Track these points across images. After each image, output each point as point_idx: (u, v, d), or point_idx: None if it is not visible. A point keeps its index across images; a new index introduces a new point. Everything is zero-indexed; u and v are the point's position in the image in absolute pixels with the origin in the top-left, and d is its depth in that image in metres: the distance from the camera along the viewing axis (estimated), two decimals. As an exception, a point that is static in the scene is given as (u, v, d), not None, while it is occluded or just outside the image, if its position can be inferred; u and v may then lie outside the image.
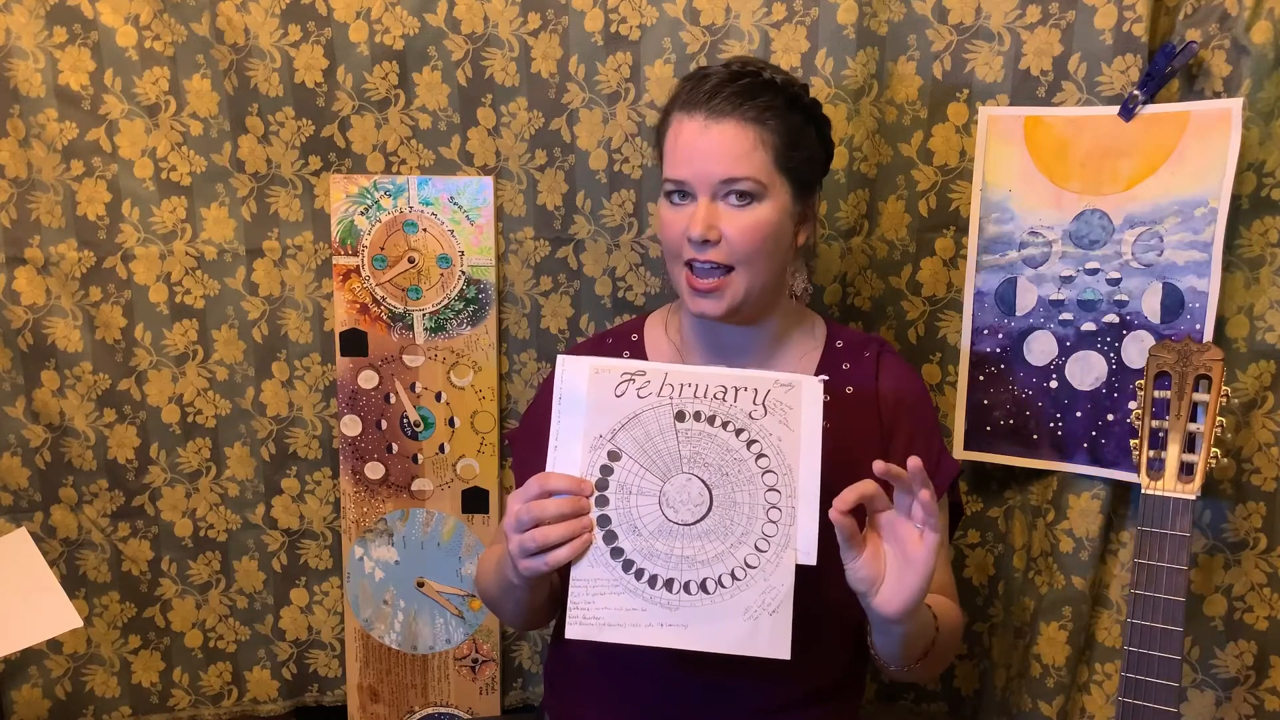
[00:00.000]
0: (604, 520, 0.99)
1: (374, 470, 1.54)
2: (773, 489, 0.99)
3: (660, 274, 1.45)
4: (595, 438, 1.01)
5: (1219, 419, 1.15)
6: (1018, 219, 1.33)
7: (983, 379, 1.38)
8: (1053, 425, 1.35)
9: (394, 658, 1.60)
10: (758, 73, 1.09)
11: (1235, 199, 1.22)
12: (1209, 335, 1.23)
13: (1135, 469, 1.19)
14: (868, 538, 0.97)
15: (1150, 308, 1.27)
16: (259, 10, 1.40)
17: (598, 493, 1.00)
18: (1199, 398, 1.16)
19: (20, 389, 1.48)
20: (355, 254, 1.49)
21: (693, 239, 1.06)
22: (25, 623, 1.19)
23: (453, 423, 1.53)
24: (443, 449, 1.53)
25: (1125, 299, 1.29)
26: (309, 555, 1.58)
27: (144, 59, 1.42)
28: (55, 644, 1.54)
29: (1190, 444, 1.16)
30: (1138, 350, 1.27)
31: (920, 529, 0.94)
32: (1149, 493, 1.16)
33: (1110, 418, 1.31)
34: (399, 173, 1.47)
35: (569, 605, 0.99)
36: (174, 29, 1.41)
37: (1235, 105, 1.19)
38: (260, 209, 1.48)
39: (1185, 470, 1.16)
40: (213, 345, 1.51)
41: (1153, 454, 1.18)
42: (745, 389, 1.01)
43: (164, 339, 1.50)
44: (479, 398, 1.52)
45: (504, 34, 1.40)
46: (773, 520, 0.99)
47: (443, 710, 1.61)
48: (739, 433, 1.00)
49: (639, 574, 0.99)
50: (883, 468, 0.93)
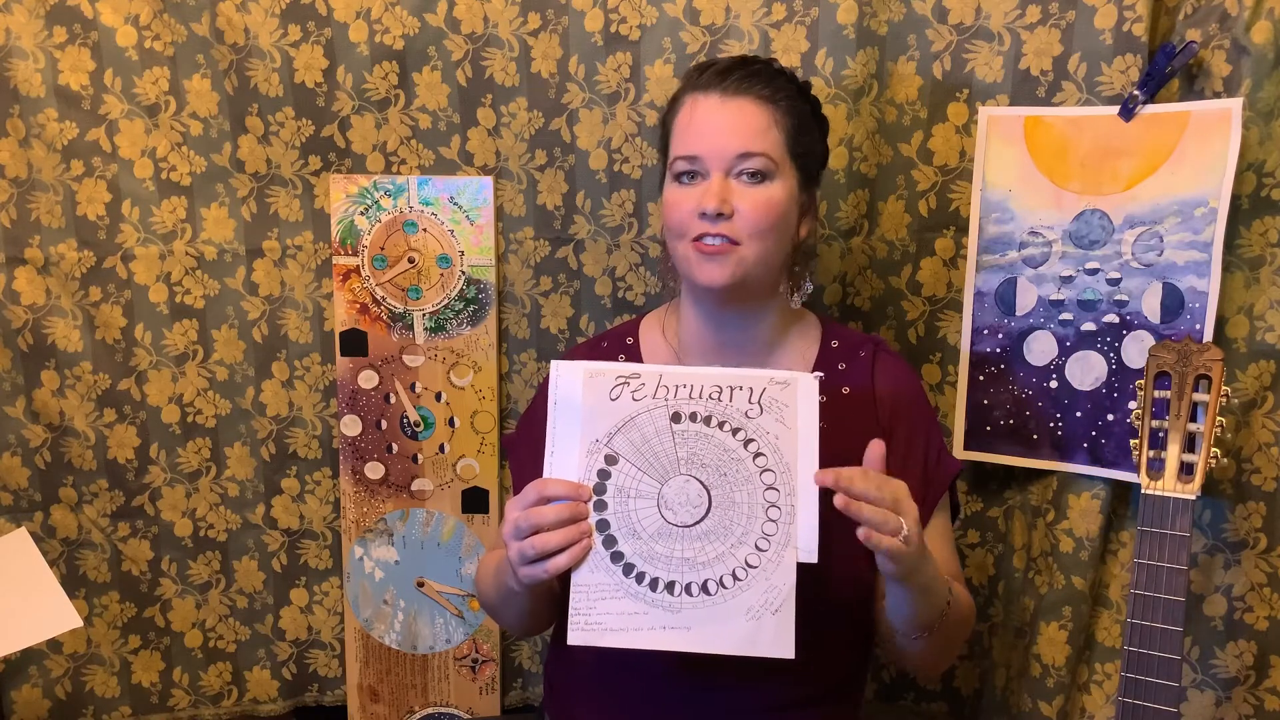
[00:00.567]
0: (603, 525, 0.99)
1: (374, 470, 1.54)
2: (771, 488, 0.99)
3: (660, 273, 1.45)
4: (592, 442, 1.00)
5: (1219, 419, 1.15)
6: (1018, 219, 1.33)
7: (983, 379, 1.38)
8: (1053, 425, 1.34)
9: (394, 658, 1.60)
10: (769, 62, 1.13)
11: (1235, 199, 1.22)
12: (1209, 335, 1.23)
13: (1135, 469, 1.19)
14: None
15: (1150, 308, 1.27)
16: (259, 10, 1.40)
17: (596, 497, 1.00)
18: (1199, 398, 1.16)
19: (20, 389, 1.48)
20: (355, 254, 1.49)
21: (707, 211, 1.06)
22: (25, 623, 1.19)
23: (453, 423, 1.53)
24: (443, 449, 1.53)
25: (1125, 299, 1.29)
26: (309, 555, 1.58)
27: (144, 59, 1.42)
28: (55, 644, 1.54)
29: (1190, 444, 1.16)
30: (1138, 350, 1.27)
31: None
32: (1149, 493, 1.16)
33: (1110, 418, 1.31)
34: (399, 173, 1.47)
35: (570, 611, 0.98)
36: (174, 29, 1.41)
37: (1235, 105, 1.18)
38: (260, 209, 1.48)
39: (1185, 470, 1.16)
40: (213, 345, 1.51)
41: (1153, 454, 1.18)
42: (741, 388, 1.00)
43: (164, 339, 1.50)
44: (479, 398, 1.52)
45: (504, 34, 1.40)
46: (772, 519, 0.99)
47: (443, 710, 1.61)
48: (736, 432, 1.00)
49: (640, 577, 0.99)
50: (828, 480, 0.94)
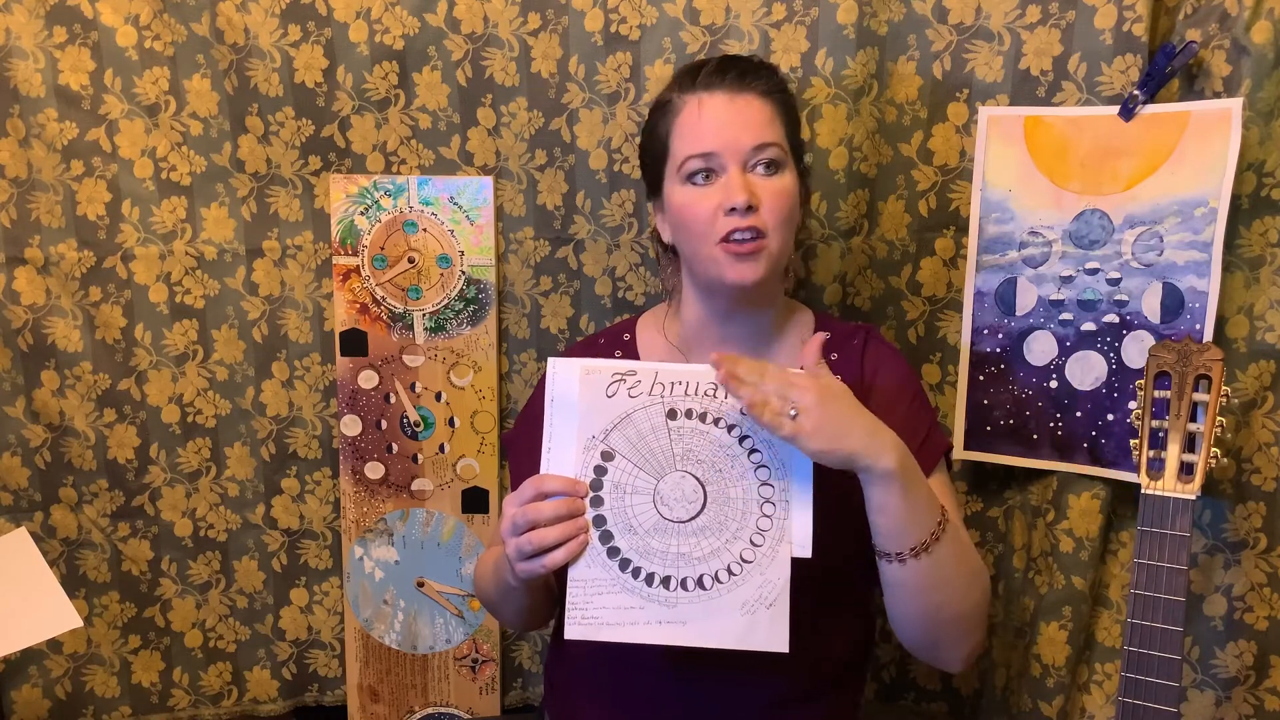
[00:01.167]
0: (599, 520, 1.00)
1: (374, 470, 1.54)
2: (766, 483, 1.00)
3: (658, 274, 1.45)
4: (588, 438, 1.01)
5: (1219, 419, 1.15)
6: (1018, 219, 1.33)
7: (983, 379, 1.38)
8: (1053, 425, 1.34)
9: (394, 658, 1.60)
10: (751, 58, 1.14)
11: (1235, 199, 1.22)
12: (1209, 335, 1.23)
13: (1135, 469, 1.19)
14: None
15: (1150, 308, 1.27)
16: (259, 10, 1.40)
17: (592, 493, 1.00)
18: (1199, 398, 1.16)
19: (20, 389, 1.48)
20: (355, 254, 1.49)
21: (737, 207, 1.05)
22: (25, 623, 1.19)
23: (453, 423, 1.53)
24: (443, 449, 1.53)
25: (1125, 299, 1.29)
26: (309, 555, 1.58)
27: (144, 59, 1.42)
28: (55, 644, 1.54)
29: (1190, 444, 1.16)
30: (1138, 350, 1.27)
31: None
32: (1149, 493, 1.16)
33: (1110, 418, 1.31)
34: (399, 173, 1.47)
35: (567, 606, 0.99)
36: (174, 29, 1.41)
37: (1235, 105, 1.18)
38: (260, 209, 1.48)
39: (1185, 470, 1.16)
40: (213, 345, 1.51)
41: (1153, 454, 1.18)
42: None
43: (164, 339, 1.50)
44: (479, 398, 1.52)
45: (504, 34, 1.40)
46: (767, 514, 0.99)
47: (443, 710, 1.61)
48: (730, 428, 1.01)
49: (636, 572, 0.99)
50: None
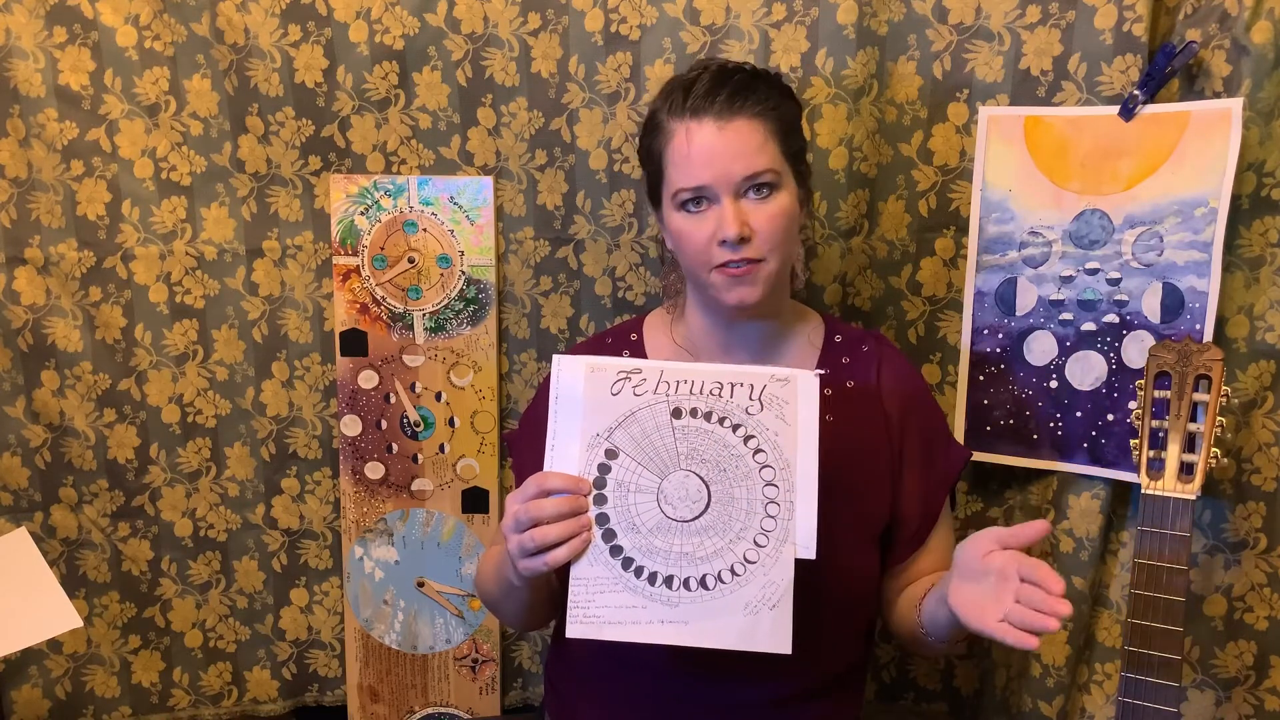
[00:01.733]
0: (603, 518, 0.99)
1: (374, 470, 1.54)
2: (770, 484, 0.99)
3: (660, 274, 1.45)
4: (592, 436, 1.01)
5: (1219, 419, 1.15)
6: (1018, 219, 1.33)
7: (983, 379, 1.38)
8: (1053, 425, 1.34)
9: (394, 658, 1.60)
10: (740, 67, 1.11)
11: (1235, 199, 1.22)
12: (1209, 335, 1.23)
13: (1135, 469, 1.19)
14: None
15: (1150, 308, 1.27)
16: (259, 10, 1.40)
17: (596, 491, 1.00)
18: (1199, 398, 1.16)
19: (20, 389, 1.48)
20: (355, 254, 1.49)
21: (729, 239, 1.06)
22: (25, 623, 1.19)
23: (453, 423, 1.53)
24: (443, 449, 1.53)
25: (1125, 299, 1.29)
26: (309, 555, 1.58)
27: (144, 59, 1.42)
28: (55, 644, 1.54)
29: (1190, 444, 1.16)
30: (1138, 350, 1.27)
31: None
32: (1149, 493, 1.16)
33: (1110, 418, 1.31)
34: (399, 173, 1.47)
35: (569, 604, 0.99)
36: (174, 29, 1.41)
37: (1235, 105, 1.18)
38: (260, 209, 1.48)
39: (1185, 470, 1.16)
40: (213, 345, 1.51)
41: (1153, 454, 1.18)
42: (741, 385, 1.01)
43: (164, 339, 1.50)
44: (479, 398, 1.52)
45: (504, 34, 1.40)
46: (771, 515, 0.99)
47: (443, 710, 1.61)
48: (736, 428, 1.00)
49: (639, 571, 0.99)
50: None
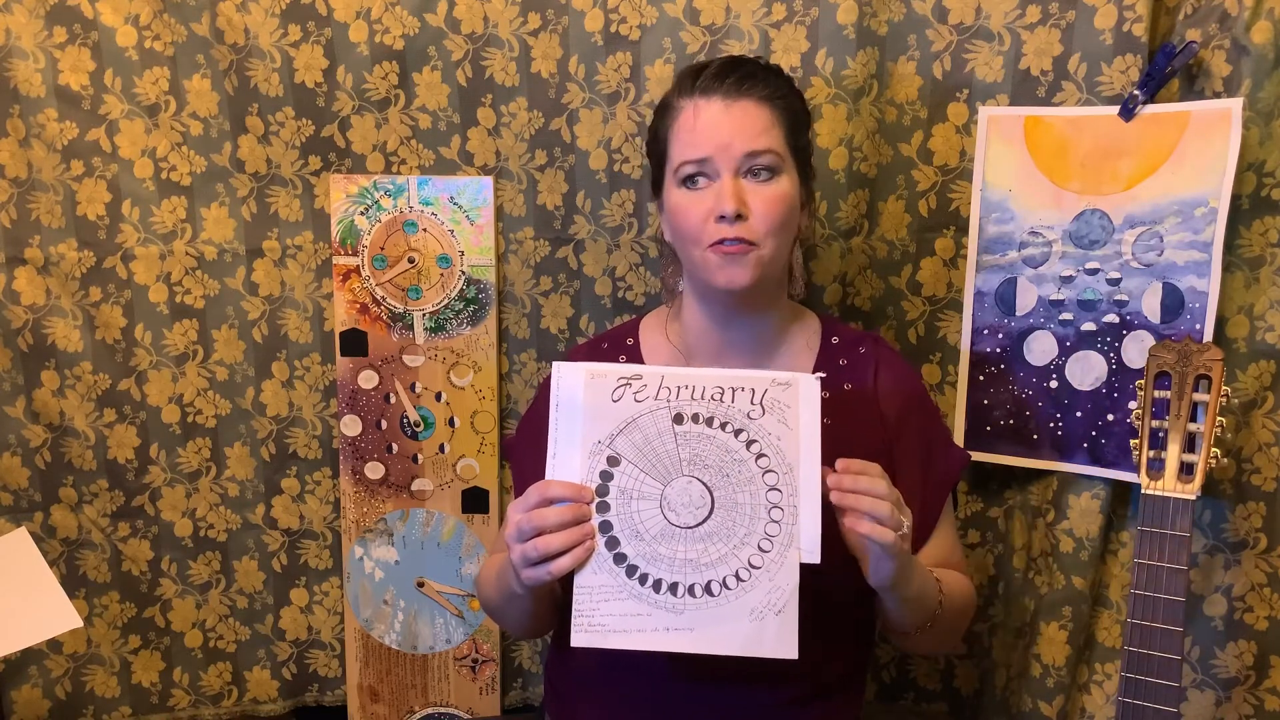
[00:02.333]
0: (606, 526, 0.99)
1: (374, 470, 1.54)
2: (774, 488, 0.99)
3: (659, 270, 1.45)
4: (594, 443, 1.00)
5: (1219, 419, 1.15)
6: (1018, 219, 1.33)
7: (983, 379, 1.38)
8: (1053, 425, 1.34)
9: (394, 658, 1.60)
10: (753, 59, 1.14)
11: (1235, 199, 1.22)
12: (1209, 335, 1.23)
13: (1135, 469, 1.19)
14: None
15: (1150, 308, 1.27)
16: (259, 10, 1.40)
17: (598, 499, 1.00)
18: (1199, 398, 1.16)
19: (20, 389, 1.48)
20: (355, 254, 1.49)
21: (726, 214, 1.06)
22: (25, 623, 1.19)
23: (453, 423, 1.53)
24: (443, 449, 1.53)
25: (1125, 299, 1.29)
26: (309, 555, 1.58)
27: (144, 59, 1.42)
28: (55, 644, 1.54)
29: (1190, 444, 1.16)
30: (1138, 350, 1.27)
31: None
32: (1149, 493, 1.16)
33: (1110, 418, 1.31)
34: (399, 173, 1.47)
35: (574, 613, 0.99)
36: (174, 29, 1.41)
37: (1235, 105, 1.18)
38: (260, 209, 1.48)
39: (1185, 470, 1.16)
40: (213, 345, 1.51)
41: (1153, 454, 1.18)
42: (743, 389, 1.01)
43: (164, 339, 1.50)
44: (479, 398, 1.52)
45: (504, 34, 1.40)
46: (775, 520, 0.99)
47: (443, 710, 1.61)
48: (738, 433, 1.00)
49: (643, 579, 0.99)
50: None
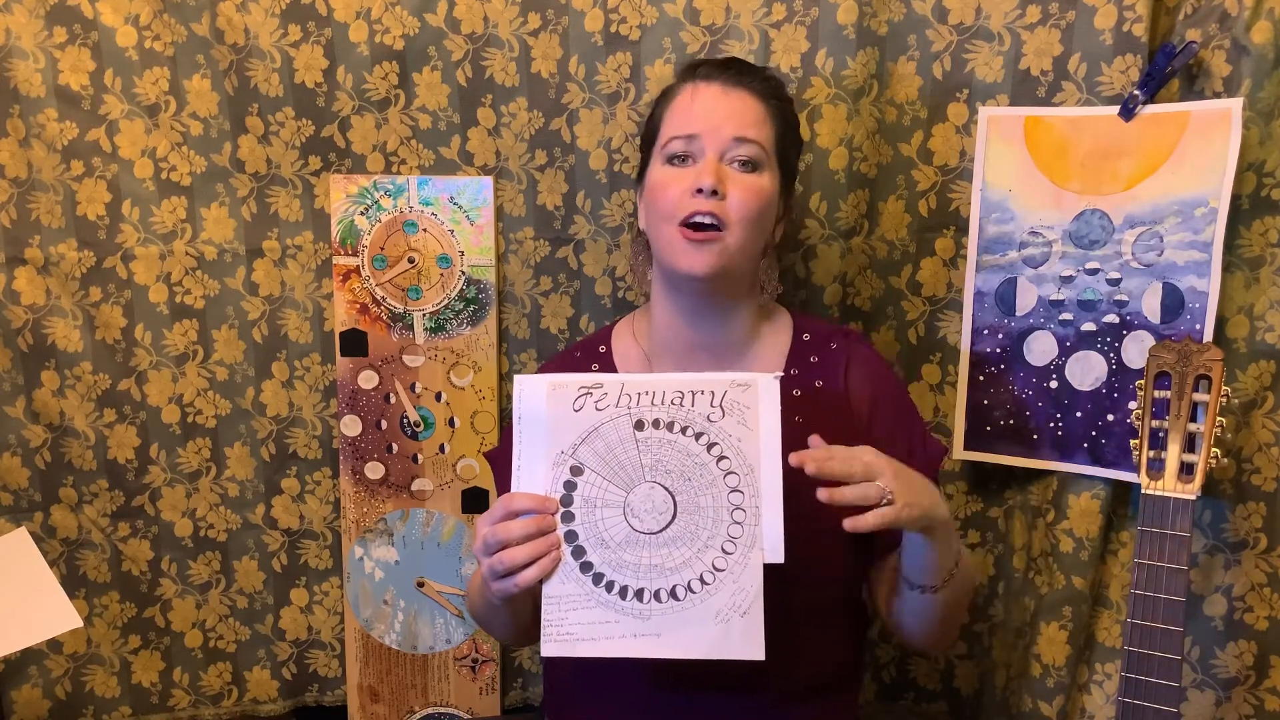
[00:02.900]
0: (571, 536, 1.00)
1: (374, 470, 1.54)
2: (735, 490, 0.99)
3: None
4: (557, 454, 1.01)
5: (1219, 419, 1.15)
6: (1018, 219, 1.33)
7: (983, 379, 1.38)
8: (1053, 425, 1.34)
9: (394, 658, 1.60)
10: (763, 66, 1.20)
11: (1235, 199, 1.22)
12: (1209, 335, 1.23)
13: (1135, 469, 1.19)
14: None
15: (1150, 308, 1.27)
16: (259, 10, 1.40)
17: (563, 509, 1.00)
18: (1199, 398, 1.16)
19: (20, 389, 1.48)
20: (355, 254, 1.49)
21: (704, 188, 1.08)
22: (25, 623, 1.19)
23: (453, 423, 1.53)
24: (443, 449, 1.53)
25: (1125, 299, 1.29)
26: (309, 555, 1.58)
27: (144, 59, 1.42)
28: (55, 644, 1.54)
29: (1190, 444, 1.16)
30: (1138, 350, 1.27)
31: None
32: (1149, 493, 1.16)
33: (1110, 418, 1.31)
34: (399, 173, 1.47)
35: (543, 623, 0.99)
36: (174, 29, 1.41)
37: (1235, 105, 1.18)
38: (260, 209, 1.48)
39: (1185, 470, 1.16)
40: (213, 345, 1.51)
41: (1153, 454, 1.18)
42: (702, 392, 1.01)
43: (164, 339, 1.50)
44: (479, 398, 1.52)
45: (504, 34, 1.40)
46: (737, 521, 0.99)
47: (443, 710, 1.61)
48: (698, 436, 1.00)
49: (609, 586, 0.99)
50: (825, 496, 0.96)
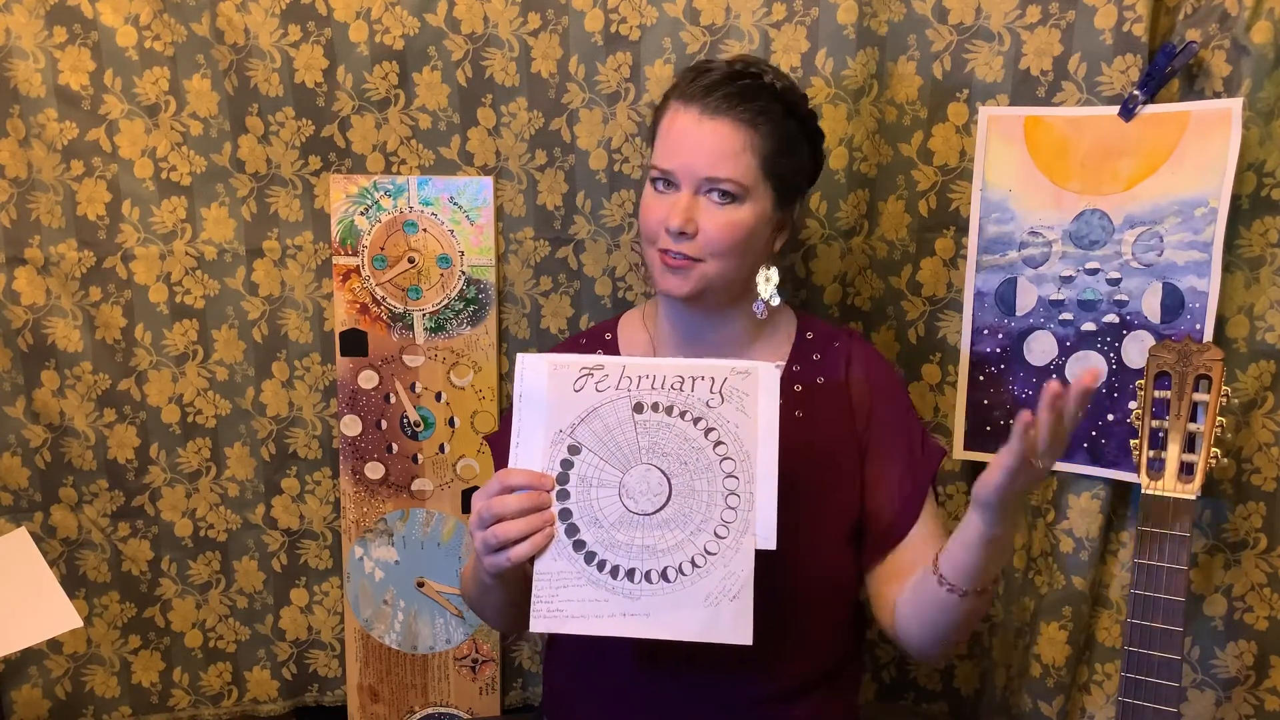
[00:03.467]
0: (565, 514, 1.01)
1: (374, 470, 1.54)
2: (731, 475, 1.00)
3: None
4: (555, 433, 1.02)
5: (1219, 419, 1.15)
6: (1018, 219, 1.33)
7: (983, 379, 1.38)
8: (1053, 425, 1.34)
9: (394, 658, 1.60)
10: (759, 75, 1.11)
11: (1235, 199, 1.22)
12: (1209, 335, 1.23)
13: (1135, 469, 1.19)
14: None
15: (1150, 308, 1.27)
16: (259, 10, 1.40)
17: (559, 486, 1.01)
18: (1199, 398, 1.16)
19: (20, 389, 1.48)
20: (355, 254, 1.49)
21: (670, 229, 1.09)
22: (25, 623, 1.19)
23: (453, 423, 1.53)
24: (443, 449, 1.53)
25: (1125, 299, 1.29)
26: (309, 555, 1.58)
27: (144, 59, 1.42)
28: (55, 644, 1.54)
29: (1190, 444, 1.16)
30: (1138, 350, 1.27)
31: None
32: (1149, 493, 1.16)
33: (1110, 418, 1.31)
34: (399, 173, 1.47)
35: (533, 598, 1.00)
36: (174, 29, 1.41)
37: (1235, 105, 1.18)
38: (260, 209, 1.48)
39: (1185, 470, 1.16)
40: (213, 345, 1.51)
41: (1153, 454, 1.18)
42: (702, 378, 1.02)
43: (164, 339, 1.50)
44: (479, 398, 1.52)
45: (504, 34, 1.40)
46: (731, 506, 1.00)
47: (443, 710, 1.61)
48: (697, 421, 1.01)
49: (601, 565, 1.00)
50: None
